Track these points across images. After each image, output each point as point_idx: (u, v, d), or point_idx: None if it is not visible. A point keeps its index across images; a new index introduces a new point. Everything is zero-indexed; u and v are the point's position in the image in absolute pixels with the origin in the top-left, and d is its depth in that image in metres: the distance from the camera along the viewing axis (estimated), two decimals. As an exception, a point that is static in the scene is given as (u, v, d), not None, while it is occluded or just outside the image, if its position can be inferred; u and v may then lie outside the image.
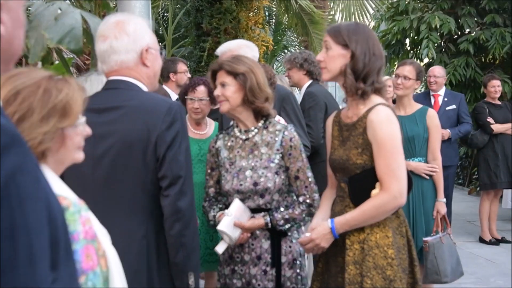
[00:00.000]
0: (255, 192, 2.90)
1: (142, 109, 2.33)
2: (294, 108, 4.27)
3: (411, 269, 2.70)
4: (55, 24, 3.26)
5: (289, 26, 9.82)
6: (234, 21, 8.74)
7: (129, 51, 2.42)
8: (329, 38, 2.70)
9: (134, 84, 2.43)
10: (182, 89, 4.48)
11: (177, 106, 2.38)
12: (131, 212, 2.33)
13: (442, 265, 4.11)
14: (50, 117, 1.55)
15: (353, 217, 2.61)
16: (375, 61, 2.62)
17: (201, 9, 8.96)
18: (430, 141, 4.49)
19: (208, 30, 8.78)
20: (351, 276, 2.58)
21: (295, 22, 8.65)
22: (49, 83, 1.58)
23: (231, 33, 8.72)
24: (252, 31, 8.80)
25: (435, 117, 4.52)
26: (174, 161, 2.30)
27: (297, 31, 9.12)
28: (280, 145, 2.94)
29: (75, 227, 1.54)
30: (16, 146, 0.99)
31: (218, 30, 8.70)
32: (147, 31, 2.48)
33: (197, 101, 4.26)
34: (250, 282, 2.94)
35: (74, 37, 3.23)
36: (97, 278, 1.58)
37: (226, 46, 4.17)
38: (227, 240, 2.88)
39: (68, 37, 3.22)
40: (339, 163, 2.71)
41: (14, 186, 0.97)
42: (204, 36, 8.87)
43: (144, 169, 2.32)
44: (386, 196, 2.56)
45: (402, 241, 2.68)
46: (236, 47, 4.11)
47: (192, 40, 9.46)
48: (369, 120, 2.60)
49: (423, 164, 4.47)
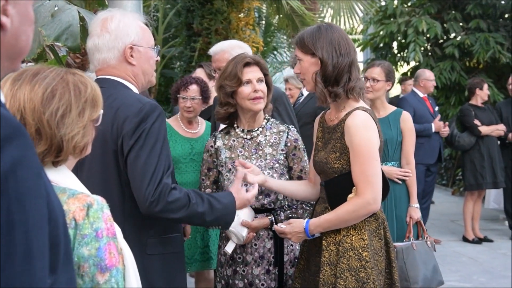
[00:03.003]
0: (261, 192, 2.89)
1: (115, 109, 2.23)
2: (287, 109, 4.34)
3: (389, 271, 2.71)
4: (52, 21, 3.21)
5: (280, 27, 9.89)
6: (225, 21, 8.80)
7: (111, 49, 2.34)
8: (297, 50, 2.70)
9: (119, 82, 2.36)
10: (174, 87, 4.49)
11: (150, 106, 2.26)
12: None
13: (412, 272, 3.88)
14: (85, 110, 1.62)
15: (326, 219, 2.63)
16: (342, 60, 2.60)
17: (192, 9, 9.00)
18: (404, 144, 4.32)
19: (199, 30, 8.83)
20: (326, 277, 2.60)
21: (286, 23, 8.73)
22: (73, 78, 1.63)
23: (221, 33, 8.77)
24: (242, 32, 8.86)
25: (409, 120, 4.37)
26: (133, 165, 2.20)
27: (288, 32, 9.20)
28: (284, 146, 2.95)
29: (98, 225, 1.55)
30: (18, 138, 0.94)
31: (209, 30, 8.76)
32: (133, 28, 2.37)
33: (189, 100, 4.26)
34: (253, 282, 2.92)
35: (72, 34, 3.16)
36: (119, 274, 1.58)
37: (219, 46, 4.22)
38: (235, 239, 2.86)
39: (65, 34, 3.15)
40: (319, 165, 2.72)
41: (14, 180, 0.92)
42: (194, 36, 8.91)
43: (117, 170, 2.26)
44: (359, 202, 2.56)
45: (380, 243, 2.68)
46: (229, 47, 4.16)
47: (182, 40, 9.50)
48: (347, 125, 2.59)
49: (395, 169, 4.29)
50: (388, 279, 2.72)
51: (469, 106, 7.57)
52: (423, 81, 7.33)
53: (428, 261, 4.04)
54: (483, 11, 9.62)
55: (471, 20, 9.62)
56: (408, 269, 3.90)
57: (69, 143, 1.58)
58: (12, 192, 0.91)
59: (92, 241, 1.55)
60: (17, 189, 0.91)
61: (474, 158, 7.39)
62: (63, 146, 1.57)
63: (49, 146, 1.56)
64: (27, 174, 0.94)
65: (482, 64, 10.06)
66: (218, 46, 4.20)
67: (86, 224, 1.55)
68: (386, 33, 10.02)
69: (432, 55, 10.12)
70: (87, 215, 1.56)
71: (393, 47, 10.74)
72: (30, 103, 1.55)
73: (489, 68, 10.11)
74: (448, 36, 10.11)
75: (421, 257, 3.98)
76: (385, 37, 10.15)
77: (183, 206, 2.25)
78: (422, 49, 9.76)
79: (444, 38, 10.08)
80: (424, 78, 7.37)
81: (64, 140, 1.57)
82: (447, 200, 10.17)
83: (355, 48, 2.73)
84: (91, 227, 1.55)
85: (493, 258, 6.84)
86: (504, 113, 7.68)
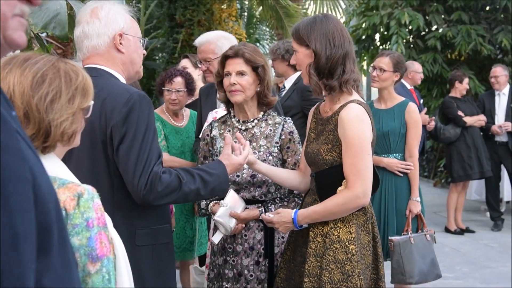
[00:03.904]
0: (252, 184, 2.90)
1: (102, 99, 2.22)
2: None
3: (375, 266, 2.72)
4: (39, 10, 3.12)
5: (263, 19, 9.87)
6: (207, 13, 8.77)
7: (100, 35, 2.34)
8: (293, 41, 2.71)
9: (106, 71, 2.35)
10: (159, 79, 4.47)
11: (138, 96, 2.26)
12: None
13: (408, 266, 3.91)
14: (75, 98, 1.60)
15: (315, 211, 2.63)
16: (336, 52, 2.59)
17: (174, 0, 8.97)
18: (408, 137, 4.21)
19: (182, 21, 8.79)
20: (311, 268, 2.60)
21: (270, 14, 8.72)
22: (64, 66, 1.62)
23: (204, 25, 8.74)
24: (225, 24, 8.85)
25: (415, 112, 4.24)
26: (124, 157, 2.20)
27: (271, 24, 9.19)
28: (279, 138, 2.94)
29: (89, 214, 1.54)
30: (1, 123, 0.92)
31: (191, 21, 8.72)
32: (122, 16, 2.38)
33: (174, 92, 4.25)
34: (241, 272, 2.93)
35: (59, 23, 3.09)
36: (110, 264, 1.58)
37: (204, 37, 4.19)
38: (222, 230, 2.85)
39: (52, 23, 3.09)
40: (311, 156, 2.71)
41: None
42: (177, 27, 8.87)
43: (106, 161, 2.26)
44: (349, 195, 2.56)
45: (367, 238, 2.68)
46: (214, 38, 4.14)
47: (165, 31, 9.45)
48: (340, 118, 2.58)
49: (396, 161, 4.21)
50: (374, 274, 2.72)
51: (450, 98, 7.62)
52: (411, 73, 7.37)
53: (426, 255, 4.03)
54: (465, 3, 9.67)
55: (453, 12, 9.67)
56: (405, 263, 3.91)
57: (57, 128, 1.57)
58: None
59: (83, 230, 1.54)
60: (0, 173, 0.89)
61: (461, 149, 7.44)
62: (50, 131, 1.56)
63: (36, 131, 1.55)
64: (10, 159, 0.92)
65: (463, 56, 10.11)
66: (203, 37, 4.18)
67: (76, 214, 1.54)
68: (369, 25, 10.02)
69: (414, 47, 10.16)
70: (77, 204, 1.54)
71: (375, 39, 10.75)
72: (20, 86, 1.54)
73: (471, 60, 10.17)
74: (430, 28, 10.15)
75: (418, 251, 3.98)
76: (367, 29, 10.16)
77: (176, 188, 2.27)
78: (404, 41, 9.77)
79: (426, 30, 10.12)
80: (413, 70, 7.39)
81: (52, 125, 1.56)
82: (429, 191, 10.24)
83: (350, 40, 2.70)
84: (81, 217, 1.54)
85: (475, 248, 6.90)
86: (486, 104, 7.76)
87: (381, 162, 4.20)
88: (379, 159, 4.19)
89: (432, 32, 9.98)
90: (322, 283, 2.55)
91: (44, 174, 1.04)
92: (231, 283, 2.94)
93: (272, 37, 11.74)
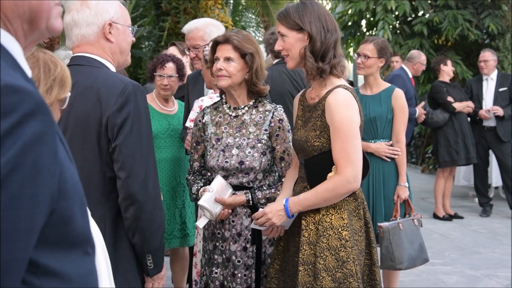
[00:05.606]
0: (240, 170, 2.90)
1: (96, 89, 2.24)
2: None
3: (368, 251, 2.72)
4: None
5: (249, 6, 9.81)
6: (193, 1, 8.70)
7: (90, 25, 2.33)
8: (281, 25, 2.67)
9: (96, 60, 2.35)
10: (150, 65, 4.45)
11: (133, 86, 2.28)
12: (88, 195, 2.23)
13: (398, 252, 3.90)
14: (53, 88, 1.59)
15: (306, 197, 2.61)
16: (330, 37, 2.60)
17: (160, -12, 8.89)
18: (395, 122, 4.22)
19: (168, 9, 8.72)
20: (305, 256, 2.59)
21: (256, 2, 8.67)
22: (43, 56, 1.61)
23: (190, 13, 8.68)
24: (211, 11, 8.79)
25: (402, 97, 4.24)
26: (124, 145, 2.22)
27: (257, 11, 9.13)
28: (268, 126, 2.94)
29: None
30: (41, 114, 0.94)
31: (177, 9, 8.65)
32: (112, 5, 2.38)
33: (166, 77, 4.25)
34: (230, 258, 2.95)
35: None
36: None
37: (193, 24, 4.17)
38: (207, 215, 2.87)
39: None
40: (299, 143, 2.70)
41: (31, 155, 0.92)
42: (163, 15, 8.81)
43: (99, 151, 2.26)
44: (339, 180, 2.54)
45: (359, 223, 2.68)
46: (203, 25, 4.11)
47: (151, 19, 9.39)
48: (327, 103, 2.57)
49: (384, 146, 4.21)
50: (368, 260, 2.72)
51: (440, 82, 7.60)
52: (416, 64, 7.37)
53: (414, 240, 4.05)
54: (451, -12, 9.67)
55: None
56: (394, 249, 3.91)
57: None
58: (27, 167, 0.92)
59: None
60: (32, 164, 0.92)
61: (448, 135, 7.45)
62: None
63: None
64: (45, 151, 0.95)
65: (450, 42, 10.12)
66: (191, 24, 4.15)
67: None
68: (355, 11, 10.00)
69: (401, 33, 10.15)
70: None
71: (362, 25, 10.73)
72: None
73: (458, 45, 10.18)
74: (417, 13, 10.14)
75: (407, 237, 3.99)
76: (353, 15, 10.14)
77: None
78: (391, 27, 9.76)
79: (413, 16, 10.11)
80: (419, 61, 7.42)
81: None
82: (417, 177, 10.27)
83: (337, 25, 2.70)
84: None
85: (464, 234, 6.94)
86: (474, 90, 7.75)
87: (368, 147, 4.19)
88: (367, 145, 4.18)
89: (419, 17, 9.97)
90: (317, 271, 2.54)
91: (71, 166, 1.08)
92: (220, 268, 2.97)
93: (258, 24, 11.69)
